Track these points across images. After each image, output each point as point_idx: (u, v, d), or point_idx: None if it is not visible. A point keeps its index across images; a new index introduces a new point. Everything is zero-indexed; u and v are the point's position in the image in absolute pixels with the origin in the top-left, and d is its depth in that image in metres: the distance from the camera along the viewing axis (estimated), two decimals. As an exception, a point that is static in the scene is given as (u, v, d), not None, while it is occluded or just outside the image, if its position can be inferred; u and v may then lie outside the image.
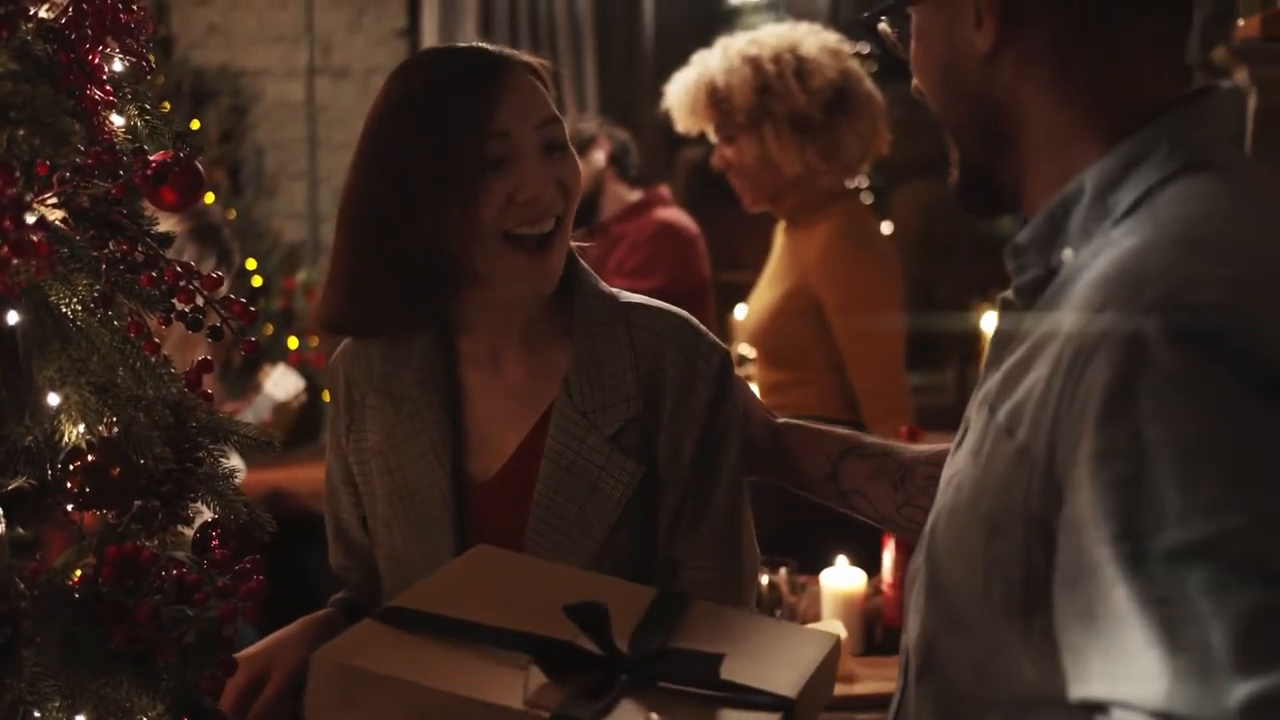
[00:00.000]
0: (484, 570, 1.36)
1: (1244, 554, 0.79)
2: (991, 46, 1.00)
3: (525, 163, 1.45)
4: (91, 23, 1.26)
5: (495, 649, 1.17)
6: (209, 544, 1.33)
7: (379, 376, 1.56)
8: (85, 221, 1.21)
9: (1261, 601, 0.78)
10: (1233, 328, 0.82)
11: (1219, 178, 0.95)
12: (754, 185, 2.85)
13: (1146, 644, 0.81)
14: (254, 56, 4.56)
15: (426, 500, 1.51)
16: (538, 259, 1.47)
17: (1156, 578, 0.81)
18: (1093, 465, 0.84)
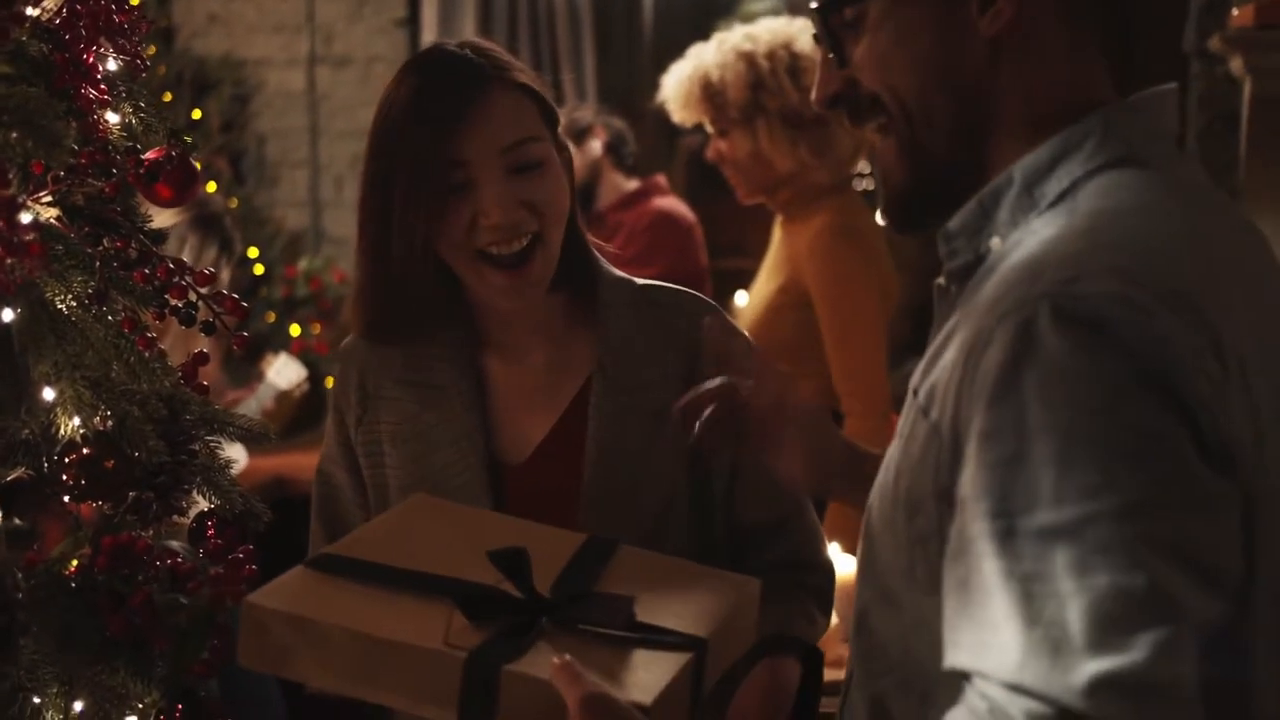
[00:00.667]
0: (419, 518, 1.39)
1: (1107, 539, 0.80)
2: (1001, 29, 0.98)
3: (485, 188, 1.45)
4: (85, 23, 1.29)
5: (421, 594, 1.21)
6: (205, 533, 1.36)
7: (400, 367, 1.58)
8: (80, 219, 1.23)
9: (1119, 585, 0.80)
10: (1118, 317, 0.83)
11: (1142, 173, 0.95)
12: (747, 179, 2.88)
13: (1008, 617, 0.83)
14: (255, 46, 4.58)
15: (459, 486, 1.52)
16: (514, 275, 1.48)
17: (1025, 555, 0.83)
18: (979, 443, 0.86)
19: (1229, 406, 0.85)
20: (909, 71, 1.02)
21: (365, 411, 1.59)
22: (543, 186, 1.48)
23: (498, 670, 1.12)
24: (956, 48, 1.00)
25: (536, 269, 1.48)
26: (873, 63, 1.03)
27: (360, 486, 1.61)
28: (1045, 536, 0.82)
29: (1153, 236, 0.90)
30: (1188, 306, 0.86)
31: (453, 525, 1.38)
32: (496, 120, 1.46)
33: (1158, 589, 0.80)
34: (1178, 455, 0.82)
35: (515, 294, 1.49)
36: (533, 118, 1.50)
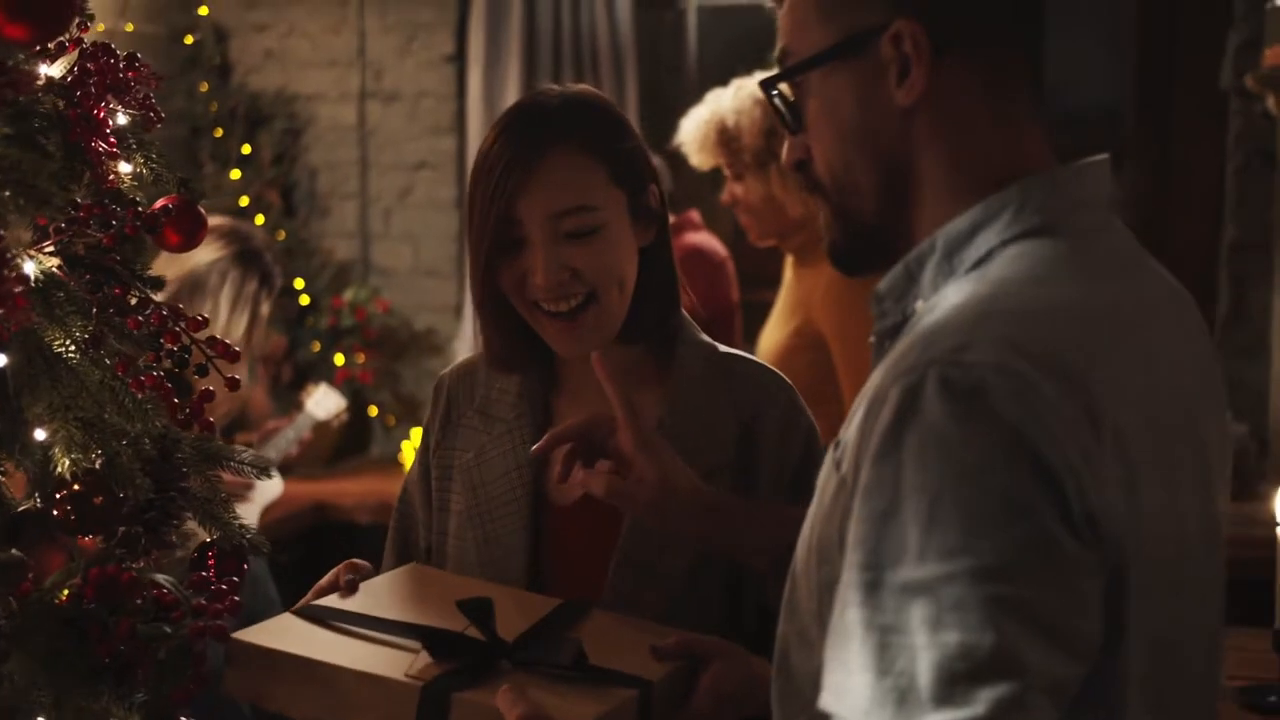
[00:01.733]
0: (408, 581, 1.49)
1: (961, 598, 0.84)
2: (915, 100, 1.02)
3: (533, 250, 1.50)
4: (95, 81, 1.37)
5: (393, 637, 1.33)
6: (205, 563, 1.43)
7: (480, 399, 1.65)
8: (80, 268, 1.31)
9: (967, 643, 0.84)
10: (996, 386, 0.87)
11: (1053, 244, 0.99)
12: (760, 222, 2.93)
13: (863, 665, 0.87)
14: (308, 81, 4.69)
15: (504, 517, 1.58)
16: (567, 326, 1.53)
17: (886, 607, 0.87)
18: (861, 496, 0.90)
19: (1100, 476, 0.88)
20: (834, 141, 1.07)
21: (445, 437, 1.66)
22: (592, 254, 1.51)
23: (449, 697, 1.22)
24: (876, 118, 1.04)
25: (589, 323, 1.53)
26: (813, 136, 1.09)
27: (429, 513, 1.67)
28: (906, 591, 0.86)
29: (1045, 307, 0.94)
30: (1067, 377, 0.89)
31: (438, 587, 1.47)
32: (553, 185, 1.50)
33: (1004, 649, 0.83)
34: (1039, 522, 0.86)
35: (569, 343, 1.54)
36: (595, 185, 1.52)
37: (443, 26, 4.58)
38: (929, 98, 1.02)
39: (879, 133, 1.04)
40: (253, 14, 4.71)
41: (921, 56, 1.01)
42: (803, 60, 1.07)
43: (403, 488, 1.73)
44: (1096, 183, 1.05)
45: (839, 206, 1.09)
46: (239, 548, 1.43)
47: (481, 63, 4.40)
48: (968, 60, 1.02)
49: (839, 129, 1.06)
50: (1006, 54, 1.03)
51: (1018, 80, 1.04)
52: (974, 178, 1.03)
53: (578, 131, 1.52)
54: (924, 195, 1.05)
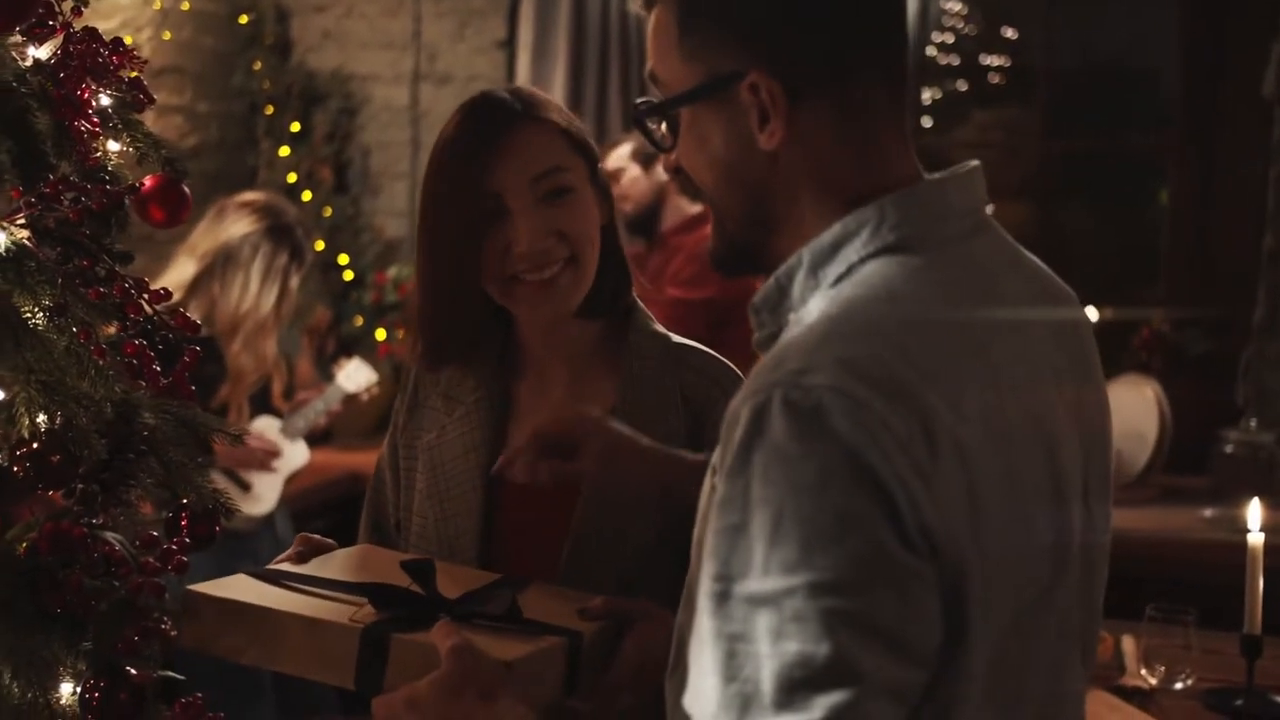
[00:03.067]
0: (359, 556, 1.56)
1: (801, 610, 0.89)
2: (776, 145, 1.06)
3: (518, 218, 1.55)
4: (76, 64, 1.45)
5: (339, 594, 1.40)
6: (179, 523, 1.51)
7: (444, 382, 1.71)
8: (50, 240, 1.39)
9: (805, 653, 0.89)
10: (833, 407, 0.91)
11: (908, 260, 1.02)
12: None
13: (712, 670, 0.92)
14: (364, 62, 4.79)
15: (460, 496, 1.64)
16: (541, 289, 1.58)
17: (734, 617, 0.92)
18: (716, 509, 0.95)
19: (935, 491, 0.92)
20: (707, 170, 1.11)
21: (411, 419, 1.72)
22: (573, 214, 1.58)
23: (388, 639, 1.29)
24: (742, 155, 1.08)
25: (564, 284, 1.58)
26: (683, 155, 1.13)
27: (398, 490, 1.73)
28: (752, 603, 0.91)
29: (886, 325, 0.97)
30: (902, 395, 0.93)
31: (387, 561, 1.53)
32: (526, 152, 1.57)
33: (840, 658, 0.88)
34: (872, 537, 0.90)
35: (544, 302, 1.59)
36: (562, 150, 1.60)
37: (495, 12, 4.64)
38: (791, 139, 1.05)
39: (746, 169, 1.08)
40: (313, -5, 4.82)
41: (778, 106, 1.04)
42: (670, 97, 1.10)
43: (376, 466, 1.79)
44: (961, 192, 1.07)
45: (714, 222, 1.14)
46: (210, 511, 1.51)
47: (530, 48, 4.46)
48: (824, 101, 1.05)
49: (709, 161, 1.10)
50: (864, 87, 1.06)
51: (878, 107, 1.06)
52: (840, 199, 1.06)
53: (535, 108, 1.60)
54: (793, 215, 1.08)
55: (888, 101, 1.06)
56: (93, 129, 1.46)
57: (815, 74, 1.04)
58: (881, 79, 1.06)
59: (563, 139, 1.61)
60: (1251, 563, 1.95)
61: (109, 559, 1.34)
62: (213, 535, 1.52)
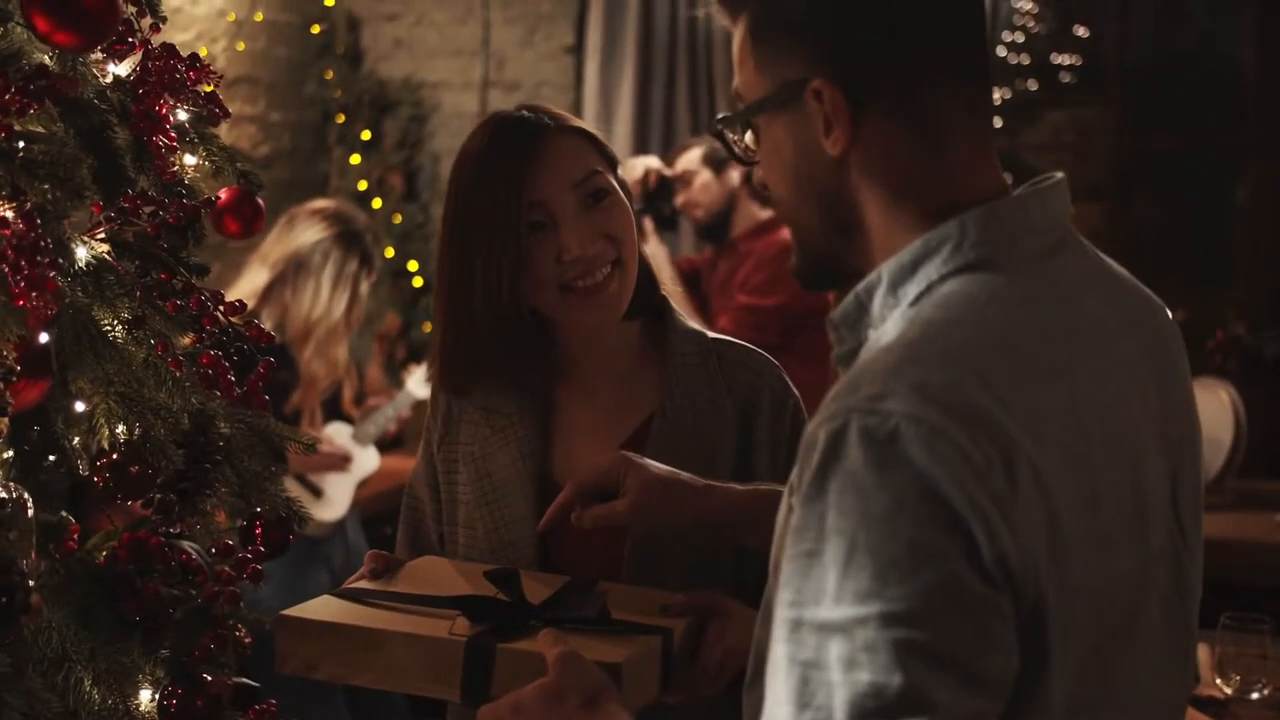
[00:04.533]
0: (428, 568, 1.58)
1: (873, 640, 0.88)
2: (842, 151, 1.05)
3: (565, 225, 1.58)
4: (155, 81, 1.48)
5: (428, 608, 1.41)
6: (253, 533, 1.54)
7: (478, 394, 1.71)
8: (129, 254, 1.42)
9: (877, 683, 0.88)
10: (907, 436, 0.90)
11: (989, 278, 1.00)
12: None
13: (787, 698, 0.92)
14: (434, 69, 4.83)
15: (512, 502, 1.66)
16: (592, 296, 1.60)
17: (807, 644, 0.91)
18: (791, 535, 0.94)
19: (1013, 519, 0.90)
20: (779, 180, 1.11)
21: (448, 433, 1.73)
22: (613, 216, 1.61)
23: (493, 649, 1.31)
24: (813, 164, 1.07)
25: (614, 289, 1.60)
26: (761, 166, 1.13)
27: (437, 505, 1.74)
28: (824, 630, 0.90)
29: (966, 351, 0.96)
30: (980, 422, 0.91)
31: (455, 571, 1.57)
32: (563, 161, 1.60)
33: (911, 689, 0.87)
34: (947, 568, 0.88)
35: (596, 310, 1.60)
36: (593, 155, 1.63)
37: (563, 18, 4.66)
38: (857, 147, 1.05)
39: (817, 177, 1.08)
40: (384, 4, 4.86)
41: (840, 113, 1.04)
42: (746, 107, 1.11)
43: (408, 484, 1.80)
44: (1045, 207, 1.05)
45: (793, 235, 1.14)
46: (284, 519, 1.54)
47: (598, 55, 4.48)
48: (891, 111, 1.04)
49: (783, 170, 1.10)
50: (932, 95, 1.04)
51: (950, 116, 1.05)
52: (915, 212, 1.05)
53: (557, 120, 1.63)
54: (869, 228, 1.08)
55: (964, 110, 1.05)
56: (170, 143, 1.49)
57: (875, 81, 1.04)
58: (954, 87, 1.05)
59: (591, 144, 1.64)
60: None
61: (185, 567, 1.37)
62: (287, 543, 1.55)
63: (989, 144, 1.07)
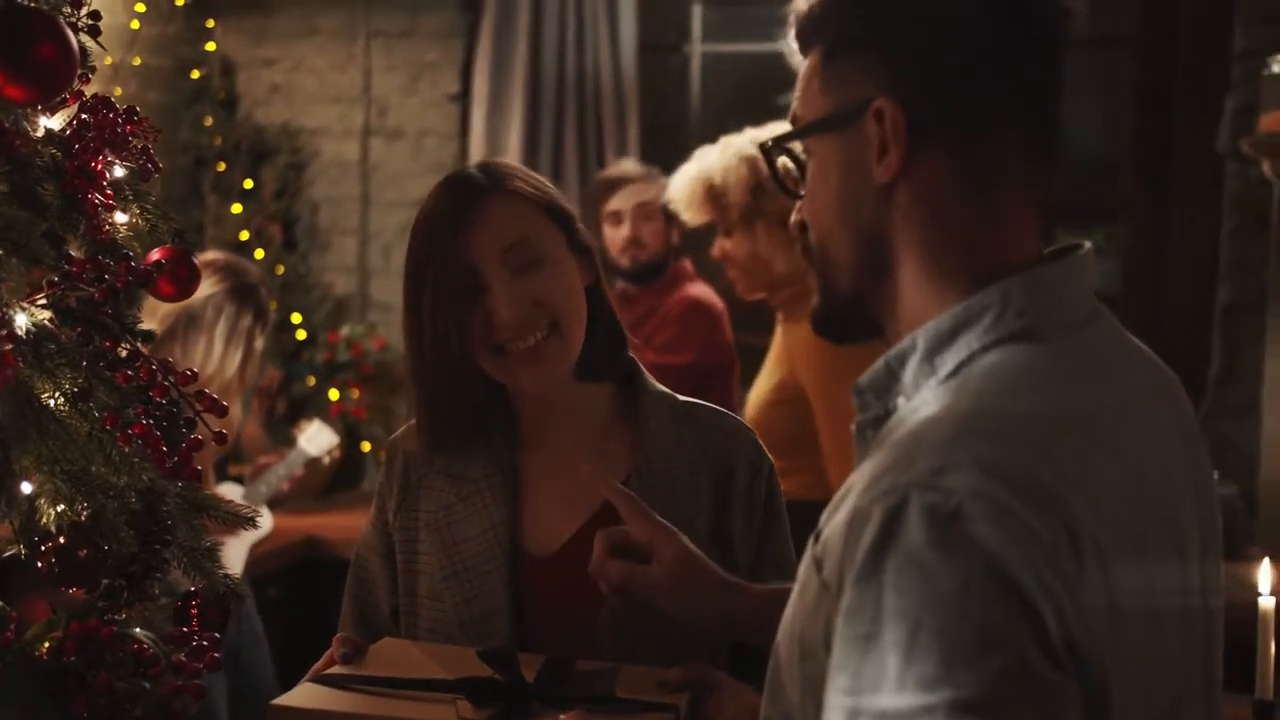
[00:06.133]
0: (394, 651, 1.51)
1: None
2: (891, 178, 1.03)
3: (495, 291, 1.57)
4: (93, 136, 1.39)
5: (423, 691, 1.36)
6: (189, 612, 1.44)
7: (439, 460, 1.67)
8: (72, 320, 1.32)
9: None
10: (974, 513, 0.86)
11: (1035, 350, 0.99)
12: (747, 277, 2.96)
13: None
14: (313, 115, 4.72)
15: (485, 574, 1.60)
16: (529, 359, 1.58)
17: None
18: (844, 617, 0.90)
19: (1080, 600, 0.88)
20: (823, 206, 1.09)
21: (405, 500, 1.68)
22: (547, 282, 1.59)
23: None
24: (858, 191, 1.05)
25: (552, 352, 1.58)
26: (806, 196, 1.11)
27: (392, 573, 1.69)
28: (885, 719, 0.86)
29: (1023, 423, 0.93)
30: (1046, 500, 0.89)
31: (426, 653, 1.50)
32: (495, 224, 1.59)
33: None
34: (1017, 652, 0.85)
35: (534, 374, 1.58)
36: (531, 218, 1.61)
37: (448, 66, 4.61)
38: (907, 178, 1.03)
39: (860, 206, 1.05)
40: (260, 49, 4.74)
41: (898, 136, 1.02)
42: (800, 127, 1.09)
43: (356, 554, 1.74)
44: (1081, 277, 1.05)
45: (821, 275, 1.11)
46: (223, 597, 1.44)
47: (485, 103, 4.43)
48: (949, 145, 1.03)
49: (826, 197, 1.08)
50: (992, 140, 1.03)
51: (1005, 167, 1.03)
52: (953, 268, 1.03)
53: (505, 181, 1.62)
54: (901, 275, 1.05)
55: (1022, 169, 1.04)
56: (107, 201, 1.40)
57: (942, 113, 1.02)
58: (1018, 143, 1.04)
59: (531, 207, 1.62)
60: (1263, 627, 1.94)
61: (138, 658, 1.28)
62: (225, 621, 1.46)
63: (1037, 211, 1.05)
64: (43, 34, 1.16)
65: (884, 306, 1.07)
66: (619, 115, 4.41)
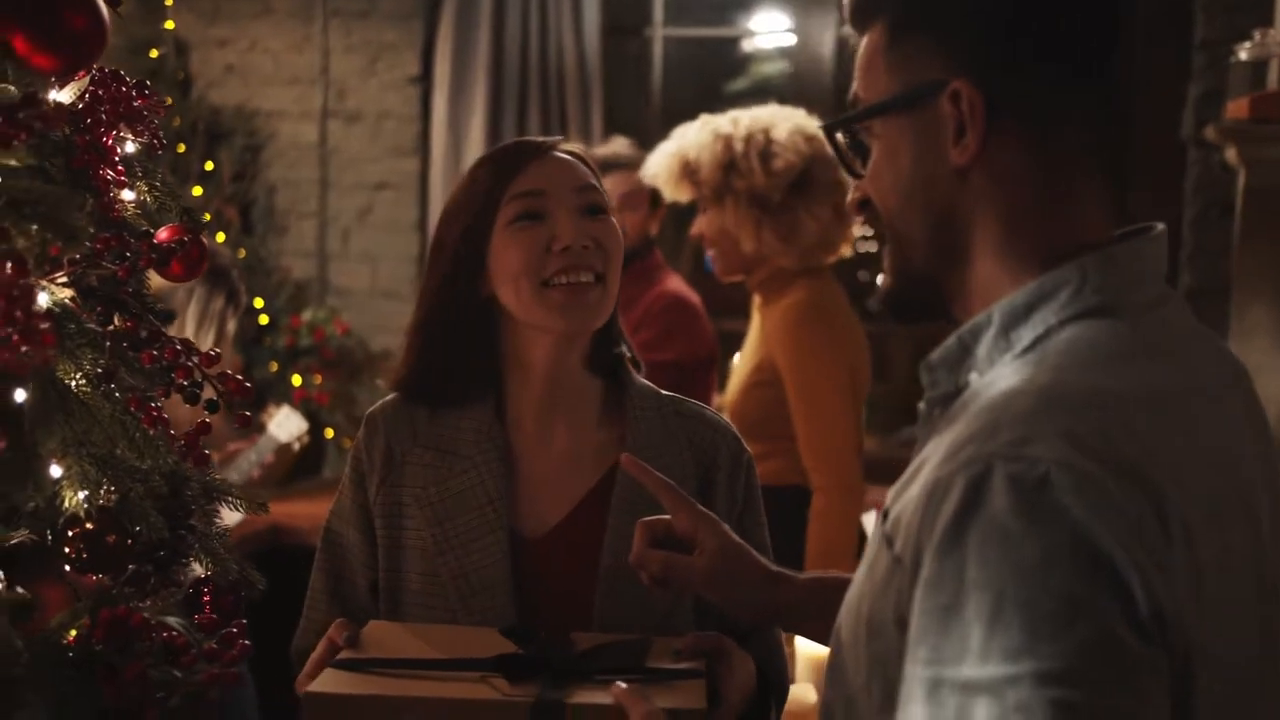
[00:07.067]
0: (393, 632, 1.49)
1: (1026, 700, 0.83)
2: (969, 161, 1.02)
3: (561, 216, 1.59)
4: (106, 109, 1.34)
5: (449, 672, 1.34)
6: (200, 600, 1.40)
7: (424, 435, 1.65)
8: (93, 300, 1.28)
9: None
10: (1060, 483, 0.86)
11: (1113, 326, 0.98)
12: (722, 256, 2.98)
13: None
14: (269, 97, 4.65)
15: (482, 551, 1.59)
16: (573, 297, 1.58)
17: (948, 704, 0.86)
18: (924, 589, 0.89)
19: (1169, 574, 0.87)
20: (891, 188, 1.07)
21: (389, 473, 1.65)
22: (611, 232, 1.63)
23: (563, 707, 1.25)
24: (931, 173, 1.04)
25: (594, 300, 1.60)
26: (870, 176, 1.10)
27: (371, 548, 1.66)
28: (969, 689, 0.85)
29: (1107, 397, 0.93)
30: (1133, 473, 0.88)
31: (431, 633, 1.48)
32: (569, 165, 1.64)
33: None
34: (1103, 624, 0.84)
35: (574, 312, 1.59)
36: (596, 179, 1.66)
37: (407, 48, 4.55)
38: (983, 160, 1.02)
39: (933, 188, 1.04)
40: (214, 28, 4.66)
41: (976, 119, 1.01)
42: (865, 108, 1.07)
43: (326, 529, 1.71)
44: (1155, 257, 1.04)
45: (893, 252, 1.10)
46: (234, 584, 1.41)
47: (448, 86, 4.38)
48: (1025, 127, 1.02)
49: (896, 179, 1.07)
50: (1070, 118, 1.02)
51: (1082, 143, 1.03)
52: (1028, 248, 1.02)
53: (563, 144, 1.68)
54: (975, 256, 1.05)
55: (1097, 152, 1.03)
56: (118, 178, 1.36)
57: (1021, 93, 1.01)
58: (1091, 119, 1.03)
59: (594, 174, 1.67)
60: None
61: (168, 646, 1.24)
62: (238, 609, 1.42)
63: (1110, 192, 1.04)
64: (75, 3, 1.12)
65: (955, 286, 1.06)
66: (583, 99, 4.38)
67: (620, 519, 1.60)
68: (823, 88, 4.51)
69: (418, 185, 4.57)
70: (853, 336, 2.97)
